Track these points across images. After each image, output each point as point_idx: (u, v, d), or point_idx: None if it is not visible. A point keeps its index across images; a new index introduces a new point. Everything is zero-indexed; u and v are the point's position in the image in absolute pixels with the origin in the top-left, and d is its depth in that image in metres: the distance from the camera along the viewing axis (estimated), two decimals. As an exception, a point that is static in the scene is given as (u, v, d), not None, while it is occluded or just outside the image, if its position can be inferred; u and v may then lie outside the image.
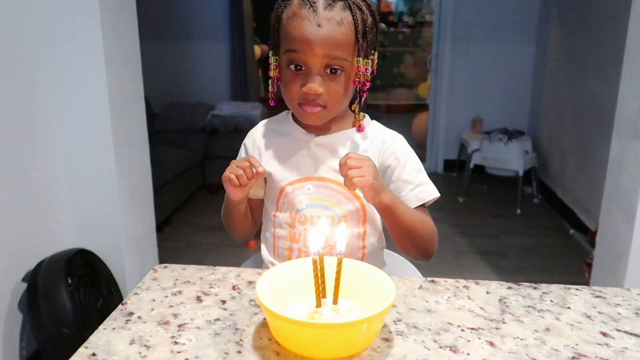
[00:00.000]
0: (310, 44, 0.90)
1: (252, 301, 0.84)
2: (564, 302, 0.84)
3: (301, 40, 0.91)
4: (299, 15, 0.92)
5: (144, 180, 2.25)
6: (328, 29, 0.90)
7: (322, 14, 0.90)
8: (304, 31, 0.90)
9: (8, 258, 1.76)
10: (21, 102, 1.79)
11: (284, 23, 0.95)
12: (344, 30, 0.91)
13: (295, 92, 0.95)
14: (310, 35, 0.90)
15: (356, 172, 0.86)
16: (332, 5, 0.91)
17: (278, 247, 1.05)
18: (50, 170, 1.94)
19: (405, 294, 0.86)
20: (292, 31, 0.92)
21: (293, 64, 0.94)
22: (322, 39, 0.90)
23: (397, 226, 0.95)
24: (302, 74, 0.94)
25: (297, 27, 0.91)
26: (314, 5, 0.91)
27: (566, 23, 3.74)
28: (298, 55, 0.92)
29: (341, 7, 0.92)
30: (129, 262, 2.13)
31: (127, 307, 0.82)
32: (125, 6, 2.04)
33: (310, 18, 0.90)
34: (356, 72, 0.95)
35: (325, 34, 0.90)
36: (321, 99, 0.94)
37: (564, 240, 3.26)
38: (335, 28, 0.90)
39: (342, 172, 0.87)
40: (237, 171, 0.93)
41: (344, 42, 0.92)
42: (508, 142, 3.80)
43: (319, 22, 0.90)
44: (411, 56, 7.40)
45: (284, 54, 0.95)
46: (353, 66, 0.94)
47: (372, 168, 0.87)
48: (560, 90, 3.82)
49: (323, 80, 0.93)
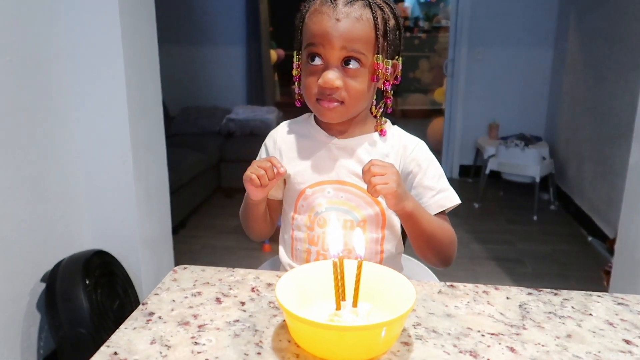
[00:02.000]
0: (328, 37, 0.91)
1: (271, 303, 0.84)
2: (585, 308, 0.83)
3: (320, 34, 0.92)
4: (319, 11, 0.94)
5: (160, 182, 2.27)
6: (346, 23, 0.91)
7: (342, 10, 0.92)
8: (323, 25, 0.92)
9: (27, 258, 1.79)
10: (41, 105, 1.81)
11: (306, 21, 0.97)
12: (362, 25, 0.92)
13: (313, 87, 0.95)
14: (329, 29, 0.91)
15: (380, 179, 0.86)
16: (352, 2, 0.92)
17: (296, 250, 1.05)
18: (69, 172, 1.96)
19: (424, 299, 0.86)
20: (312, 26, 0.94)
21: (312, 57, 0.95)
22: (340, 32, 0.91)
23: (418, 233, 0.95)
24: (320, 67, 0.94)
25: (317, 22, 0.93)
26: (334, 2, 0.93)
27: (585, 28, 3.71)
28: (316, 49, 0.93)
29: (361, 5, 0.93)
30: (145, 264, 2.15)
31: (148, 307, 0.82)
32: (144, 11, 2.06)
33: (329, 13, 0.92)
34: (375, 69, 0.95)
35: (344, 27, 0.91)
36: (338, 94, 0.94)
37: (582, 247, 3.22)
38: (354, 23, 0.92)
39: (365, 178, 0.87)
40: (259, 171, 0.93)
41: (363, 37, 0.92)
42: (525, 147, 3.77)
43: (338, 17, 0.91)
44: (427, 61, 7.39)
45: (304, 49, 0.96)
46: (372, 64, 0.94)
47: (395, 175, 0.87)
48: (578, 95, 3.78)
49: (341, 74, 0.93)
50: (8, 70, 1.65)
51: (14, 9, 1.66)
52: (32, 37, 1.75)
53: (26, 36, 1.72)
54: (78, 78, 1.92)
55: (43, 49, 1.80)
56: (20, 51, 1.70)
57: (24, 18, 1.71)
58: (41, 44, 1.79)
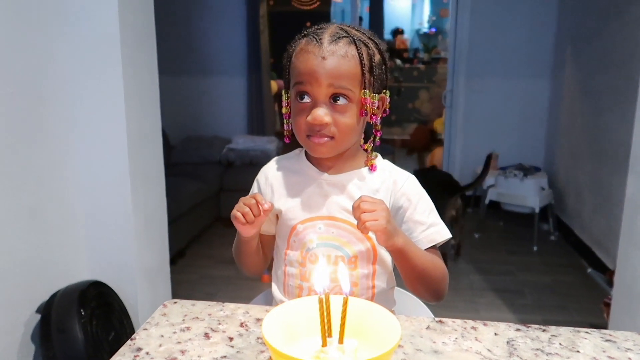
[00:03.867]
0: (315, 75, 0.93)
1: (259, 339, 0.84)
2: (573, 345, 0.83)
3: (307, 72, 0.94)
4: (305, 50, 0.96)
5: (159, 213, 2.28)
6: (332, 61, 0.93)
7: (327, 48, 0.94)
8: (310, 63, 0.94)
9: (23, 289, 1.78)
10: (41, 135, 1.84)
11: (293, 60, 0.99)
12: (348, 62, 0.94)
13: (302, 124, 0.97)
14: (315, 67, 0.93)
15: (369, 216, 0.87)
16: (337, 40, 0.95)
17: (288, 285, 1.06)
18: (67, 202, 1.97)
19: (412, 334, 0.86)
20: (299, 65, 0.96)
21: (300, 95, 0.96)
22: (327, 70, 0.93)
23: (409, 268, 0.96)
24: (308, 105, 0.96)
25: (304, 61, 0.95)
26: (319, 41, 0.95)
27: (581, 60, 3.76)
28: (304, 87, 0.95)
29: (346, 42, 0.95)
30: (142, 294, 2.14)
31: (136, 343, 0.82)
32: (145, 42, 2.10)
33: (315, 52, 0.94)
34: (363, 104, 0.97)
35: (330, 65, 0.93)
36: (328, 129, 0.95)
37: (582, 278, 3.20)
38: (340, 60, 0.94)
39: (355, 215, 0.88)
40: (244, 209, 0.94)
41: (349, 74, 0.94)
42: (524, 178, 3.78)
43: (324, 55, 0.93)
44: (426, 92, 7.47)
45: (293, 87, 0.98)
46: (359, 99, 0.96)
47: (385, 212, 0.88)
48: (575, 126, 3.81)
49: (329, 110, 0.95)
50: (9, 101, 1.67)
51: (16, 40, 1.70)
52: (33, 67, 1.78)
53: (27, 66, 1.75)
54: (78, 108, 1.95)
55: (43, 80, 1.83)
56: (21, 82, 1.73)
57: (25, 48, 1.74)
58: (42, 74, 1.82)
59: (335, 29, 0.97)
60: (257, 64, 4.89)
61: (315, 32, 0.98)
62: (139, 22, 2.03)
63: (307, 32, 0.99)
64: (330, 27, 0.98)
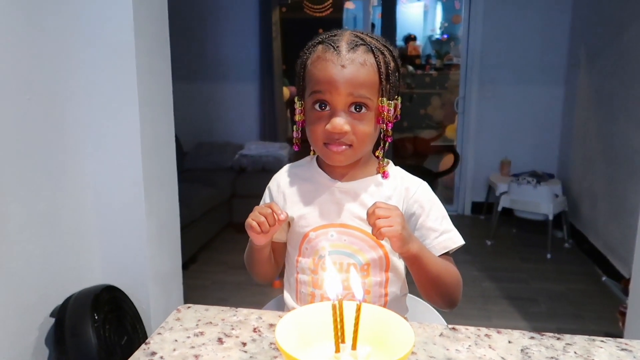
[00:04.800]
0: (335, 84, 0.93)
1: (272, 344, 0.84)
2: (588, 354, 0.82)
3: (326, 81, 0.94)
4: (323, 58, 0.95)
5: (172, 218, 2.29)
6: (352, 70, 0.93)
7: (346, 56, 0.94)
8: (329, 72, 0.94)
9: (37, 293, 1.80)
10: (55, 141, 1.86)
11: (309, 68, 0.98)
12: (367, 70, 0.94)
13: (320, 132, 0.97)
14: (335, 76, 0.93)
15: (384, 222, 0.86)
16: (354, 48, 0.95)
17: (301, 293, 1.06)
18: (81, 207, 1.99)
19: (425, 341, 0.85)
20: (317, 73, 0.96)
21: (318, 103, 0.96)
22: (346, 79, 0.93)
23: (423, 275, 0.95)
24: (327, 113, 0.96)
25: (322, 69, 0.95)
26: (337, 48, 0.95)
27: (595, 66, 3.74)
28: (323, 95, 0.95)
29: (364, 50, 0.95)
30: (154, 299, 2.15)
31: (150, 347, 0.83)
32: (160, 49, 2.12)
33: (334, 60, 0.94)
34: (380, 111, 0.97)
35: (349, 73, 0.93)
36: (346, 137, 0.96)
37: (596, 287, 3.17)
38: (359, 68, 0.94)
39: (370, 221, 0.88)
40: (259, 218, 0.95)
41: (368, 82, 0.94)
42: (537, 185, 3.75)
43: (343, 63, 0.93)
44: (438, 98, 7.45)
45: (309, 95, 0.98)
46: (377, 107, 0.97)
47: (400, 218, 0.88)
48: (590, 133, 3.78)
49: (348, 119, 0.95)
50: (26, 108, 1.70)
51: (32, 47, 1.72)
52: (49, 74, 1.81)
53: (43, 73, 1.78)
54: (93, 115, 1.97)
55: (59, 87, 1.86)
56: (38, 88, 1.75)
57: (41, 55, 1.77)
58: (57, 81, 1.85)
59: (351, 36, 0.97)
60: (270, 71, 4.91)
61: (331, 39, 0.97)
62: (153, 29, 2.06)
63: (322, 39, 0.99)
64: (345, 34, 0.98)
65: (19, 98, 1.66)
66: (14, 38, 1.63)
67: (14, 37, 1.63)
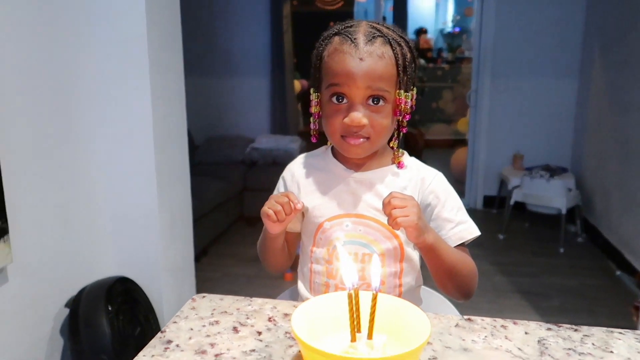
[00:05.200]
0: (353, 77, 0.92)
1: (287, 333, 0.84)
2: (606, 345, 0.81)
3: (344, 74, 0.93)
4: (340, 50, 0.94)
5: (184, 211, 2.30)
6: (370, 62, 0.92)
7: (364, 49, 0.93)
8: (347, 65, 0.93)
9: (52, 284, 1.82)
10: (69, 134, 1.87)
11: (325, 59, 0.97)
12: (385, 63, 0.93)
13: (337, 125, 0.96)
14: (353, 69, 0.92)
15: (400, 212, 0.86)
16: (372, 40, 0.94)
17: (314, 283, 1.06)
18: (95, 200, 2.01)
19: (441, 332, 0.85)
20: (334, 66, 0.95)
21: (335, 96, 0.96)
22: (365, 72, 0.92)
23: (439, 265, 0.95)
24: (344, 106, 0.95)
25: (340, 62, 0.94)
26: (355, 40, 0.94)
27: (609, 59, 3.69)
28: (341, 89, 0.94)
29: (381, 42, 0.94)
30: (166, 291, 2.17)
31: (166, 335, 0.83)
32: (171, 44, 2.13)
33: (352, 52, 0.93)
34: (397, 104, 0.96)
35: (367, 66, 0.92)
36: (364, 130, 0.95)
37: (610, 281, 3.14)
38: (377, 61, 0.93)
39: (385, 211, 0.88)
40: (276, 207, 0.95)
41: (386, 74, 0.94)
42: (550, 179, 3.72)
43: (361, 56, 0.92)
44: (450, 91, 7.41)
45: (326, 88, 0.97)
46: (394, 99, 0.96)
47: (416, 208, 0.88)
48: (604, 127, 3.74)
49: (366, 112, 0.95)
50: (38, 102, 1.71)
51: (44, 41, 1.73)
52: (62, 67, 1.82)
53: (56, 66, 1.79)
54: (106, 108, 1.98)
55: (72, 80, 1.87)
56: (50, 82, 1.76)
57: (53, 49, 1.77)
58: (70, 74, 1.86)
59: (368, 28, 0.96)
60: (281, 64, 4.91)
61: (348, 30, 0.96)
62: (165, 23, 2.06)
63: (338, 30, 0.98)
64: (362, 25, 0.97)
65: (31, 92, 1.67)
66: (26, 32, 1.64)
67: (26, 31, 1.64)
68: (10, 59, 1.57)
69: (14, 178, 1.59)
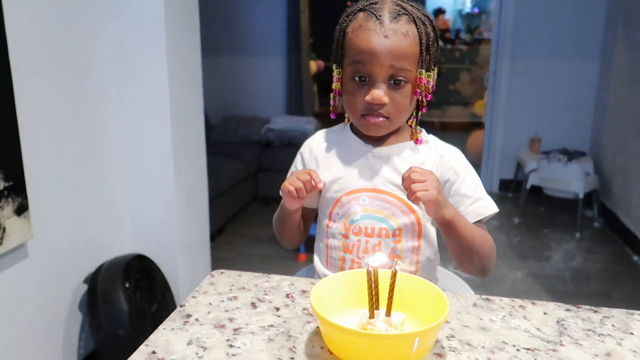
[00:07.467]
0: (377, 55, 0.92)
1: (305, 309, 0.85)
2: (626, 327, 0.81)
3: (368, 51, 0.93)
4: (365, 27, 0.94)
5: (200, 190, 2.31)
6: (394, 40, 0.92)
7: (389, 26, 0.92)
8: (371, 42, 0.92)
9: (71, 260, 1.85)
10: (89, 113, 1.88)
11: (349, 36, 0.97)
12: (409, 41, 0.93)
13: (359, 103, 0.96)
14: (377, 46, 0.92)
15: (420, 186, 0.86)
16: (397, 18, 0.93)
17: (331, 258, 1.06)
18: (113, 178, 2.03)
19: (459, 311, 0.85)
20: (358, 43, 0.94)
21: (358, 74, 0.95)
22: (389, 50, 0.92)
23: (457, 241, 0.94)
24: (366, 84, 0.95)
25: (364, 39, 0.93)
26: (380, 18, 0.93)
27: (633, 40, 3.61)
28: (364, 67, 0.94)
29: (406, 20, 0.93)
30: (182, 269, 2.19)
31: (186, 309, 0.84)
32: (189, 24, 2.12)
33: (377, 30, 0.92)
34: (418, 83, 0.95)
35: (392, 44, 0.92)
36: (385, 109, 0.95)
37: (627, 267, 3.11)
38: (402, 39, 0.92)
39: (405, 185, 0.88)
40: (297, 184, 0.95)
41: (409, 53, 0.93)
42: (568, 162, 3.67)
43: (386, 34, 0.92)
44: (467, 73, 7.31)
45: (349, 65, 0.97)
46: (416, 78, 0.95)
47: (435, 182, 0.87)
48: (625, 111, 3.67)
49: (388, 90, 0.94)
50: (59, 79, 1.72)
51: (63, 19, 1.74)
52: (82, 47, 1.83)
53: (76, 46, 1.80)
54: (124, 87, 1.99)
55: (91, 59, 1.88)
56: (70, 61, 1.77)
57: (74, 29, 1.78)
58: (89, 54, 1.87)
59: (393, 5, 0.95)
60: (297, 45, 4.88)
61: (372, 7, 0.95)
62: (183, 2, 2.05)
63: (362, 6, 0.97)
64: (387, 2, 0.96)
65: (50, 70, 1.68)
66: (44, 11, 1.64)
67: (44, 11, 1.64)
68: (30, 37, 1.58)
69: (34, 156, 1.61)
